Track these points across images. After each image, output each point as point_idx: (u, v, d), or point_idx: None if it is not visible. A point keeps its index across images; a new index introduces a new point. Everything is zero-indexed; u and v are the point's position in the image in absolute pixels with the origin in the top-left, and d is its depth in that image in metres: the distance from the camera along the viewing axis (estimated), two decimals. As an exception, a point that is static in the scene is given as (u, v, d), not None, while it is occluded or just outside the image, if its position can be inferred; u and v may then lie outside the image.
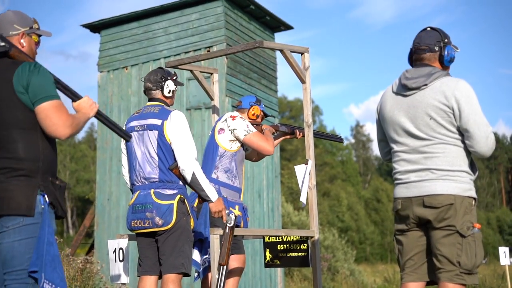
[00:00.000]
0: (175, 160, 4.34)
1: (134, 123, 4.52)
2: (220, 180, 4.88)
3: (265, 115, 5.32)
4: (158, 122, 4.39)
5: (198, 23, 12.87)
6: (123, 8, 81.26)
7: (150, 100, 4.61)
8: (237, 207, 4.91)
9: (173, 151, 4.35)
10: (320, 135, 5.81)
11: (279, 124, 5.50)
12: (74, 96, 3.27)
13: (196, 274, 4.84)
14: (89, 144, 51.36)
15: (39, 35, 3.35)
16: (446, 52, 3.58)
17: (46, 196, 3.05)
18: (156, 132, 4.38)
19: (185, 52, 12.81)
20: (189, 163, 4.29)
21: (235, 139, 4.92)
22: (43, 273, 2.95)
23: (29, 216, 2.99)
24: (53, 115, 3.00)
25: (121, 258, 4.71)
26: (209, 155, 4.94)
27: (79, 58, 78.83)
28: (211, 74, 5.98)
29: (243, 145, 4.98)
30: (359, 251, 39.13)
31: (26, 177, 3.02)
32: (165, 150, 4.36)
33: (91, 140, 51.38)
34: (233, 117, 4.93)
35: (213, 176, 4.87)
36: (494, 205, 55.80)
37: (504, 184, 59.16)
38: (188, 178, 4.31)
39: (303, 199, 5.05)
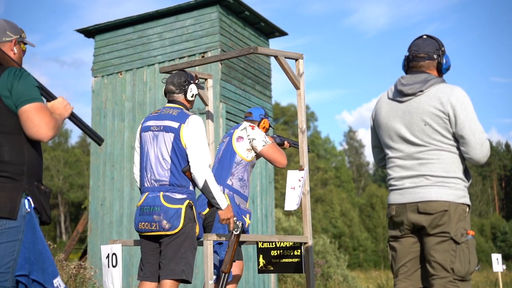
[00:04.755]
0: (189, 164, 4.29)
1: (150, 123, 4.46)
2: (235, 187, 4.91)
3: (269, 127, 5.42)
4: (175, 125, 4.33)
5: (192, 29, 12.88)
6: (118, 13, 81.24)
7: (170, 101, 4.55)
8: (248, 215, 4.94)
9: (187, 156, 4.29)
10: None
11: (274, 135, 5.53)
12: (49, 97, 3.27)
13: None
14: (83, 149, 51.21)
15: (26, 44, 3.41)
16: (444, 61, 3.60)
17: (31, 200, 3.05)
18: (172, 135, 4.32)
19: (180, 58, 12.81)
20: (202, 170, 4.23)
21: (251, 148, 4.96)
22: (44, 276, 2.97)
23: (11, 219, 2.98)
24: (34, 117, 3.01)
25: (114, 264, 4.69)
26: (225, 162, 4.96)
27: (73, 65, 78.77)
28: (206, 79, 5.98)
29: (257, 155, 5.04)
30: (353, 257, 39.12)
31: (11, 180, 3.02)
32: (179, 153, 4.30)
33: (84, 145, 51.25)
34: (253, 127, 5.00)
35: (228, 182, 4.90)
36: (487, 212, 55.90)
37: (497, 191, 59.28)
38: (200, 184, 4.25)
39: (289, 206, 5.04)
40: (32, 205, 3.05)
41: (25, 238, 3.00)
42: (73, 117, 3.34)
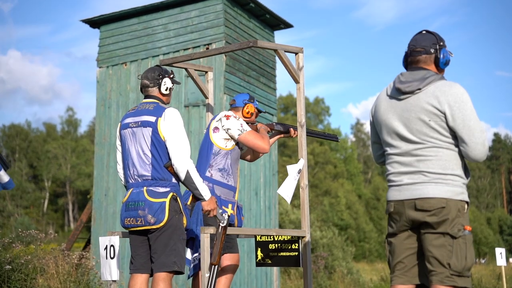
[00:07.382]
0: (170, 158, 4.33)
1: (128, 120, 4.52)
2: (214, 178, 4.87)
3: (259, 112, 5.30)
4: (152, 119, 4.38)
5: (197, 20, 12.85)
6: (125, 4, 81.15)
7: (146, 97, 4.61)
8: (230, 205, 4.90)
9: (167, 148, 4.34)
10: (315, 134, 5.75)
11: (274, 123, 5.48)
12: None
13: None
14: (91, 138, 51.39)
15: None
16: (442, 55, 3.56)
17: None
18: (150, 129, 4.37)
19: (184, 49, 12.80)
20: (183, 161, 4.28)
21: (229, 137, 4.92)
22: None
23: None
24: None
25: (112, 255, 4.70)
26: (203, 153, 4.95)
27: (84, 59, 78.88)
28: (206, 72, 5.96)
29: (238, 143, 4.98)
30: (358, 249, 39.19)
31: None
32: (159, 147, 4.35)
33: (92, 135, 51.38)
34: (228, 117, 4.93)
35: (207, 174, 4.87)
36: (495, 206, 55.77)
37: (505, 184, 59.10)
38: (182, 176, 4.30)
39: (283, 192, 5.03)
40: None
41: None
42: None
